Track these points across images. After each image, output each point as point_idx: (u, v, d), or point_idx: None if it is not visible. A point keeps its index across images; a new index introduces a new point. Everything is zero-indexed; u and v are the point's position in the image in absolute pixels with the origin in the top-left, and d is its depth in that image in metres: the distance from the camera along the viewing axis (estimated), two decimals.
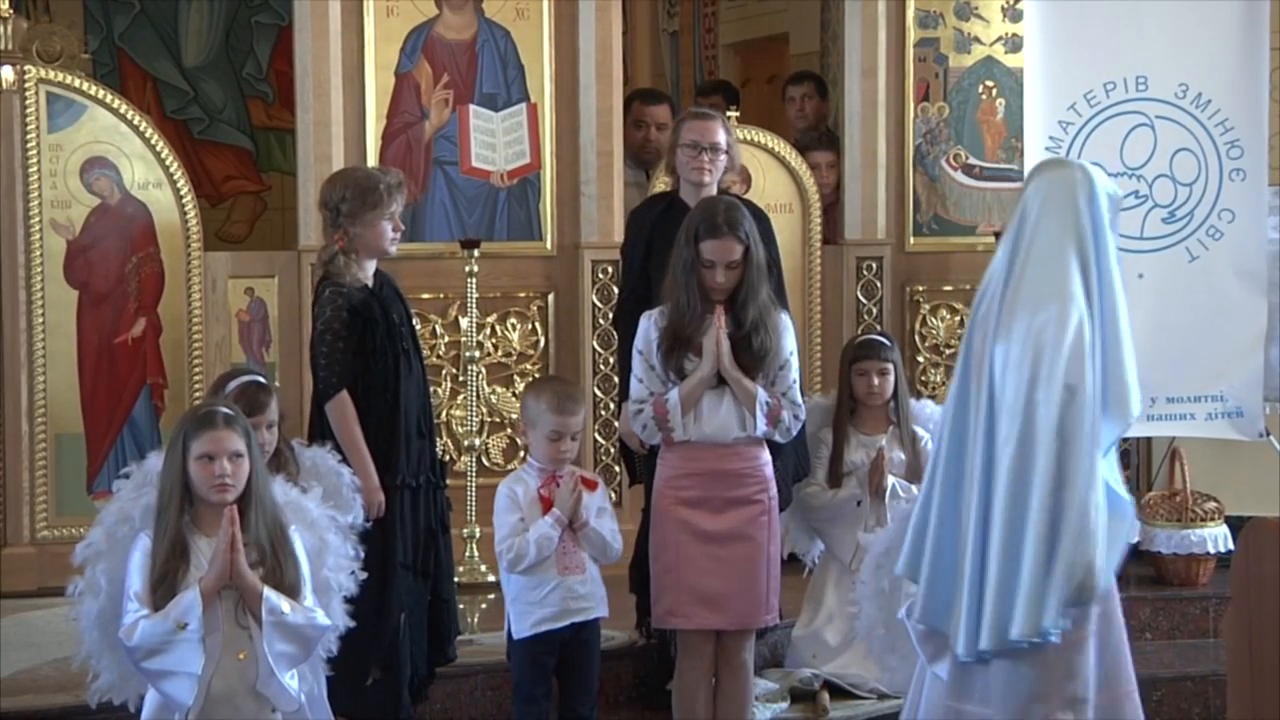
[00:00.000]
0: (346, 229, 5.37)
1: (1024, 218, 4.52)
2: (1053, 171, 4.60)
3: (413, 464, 5.42)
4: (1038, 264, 4.44)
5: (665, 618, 5.42)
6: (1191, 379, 6.87)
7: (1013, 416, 4.34)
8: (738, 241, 5.24)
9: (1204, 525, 6.94)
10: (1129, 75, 6.96)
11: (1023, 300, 4.42)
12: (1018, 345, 4.37)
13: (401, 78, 7.18)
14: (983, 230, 7.61)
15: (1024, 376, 4.34)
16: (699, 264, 5.24)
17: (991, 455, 4.37)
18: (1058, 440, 4.29)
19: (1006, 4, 7.63)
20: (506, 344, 7.32)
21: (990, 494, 4.36)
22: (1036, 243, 4.47)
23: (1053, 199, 4.50)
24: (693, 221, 5.30)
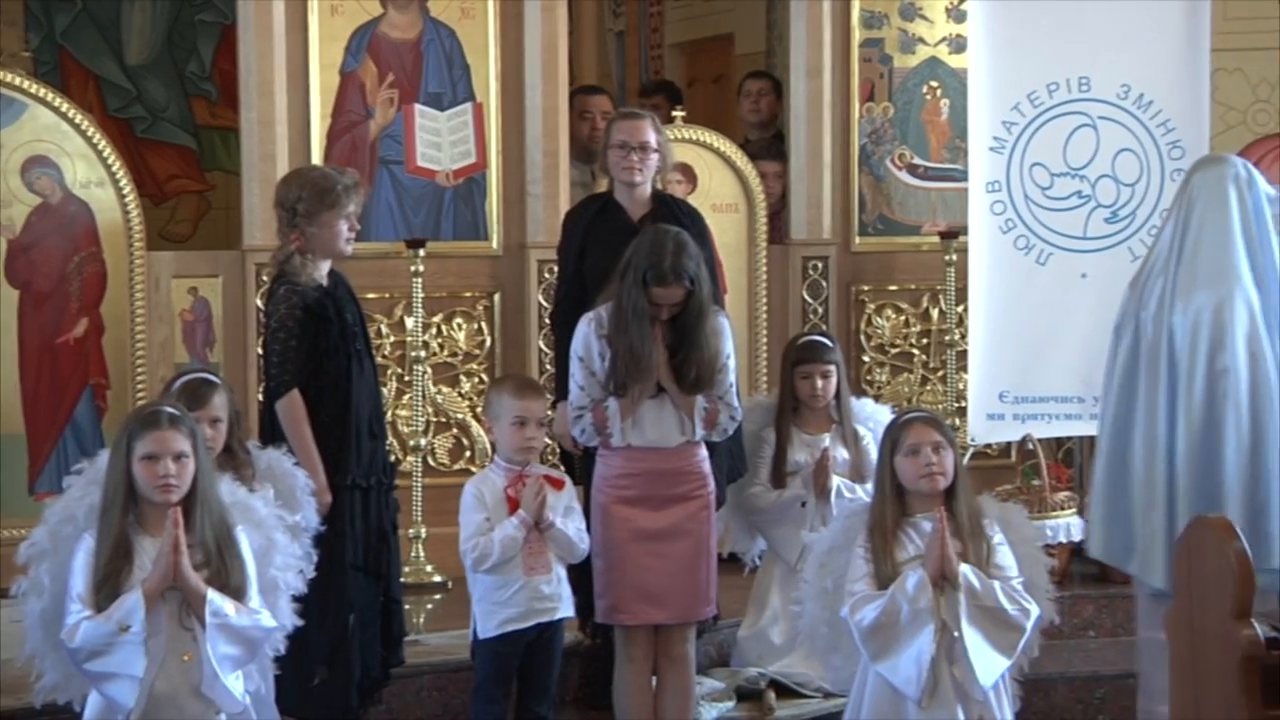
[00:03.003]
0: (303, 229, 5.36)
1: (1191, 205, 5.03)
2: (1217, 166, 5.13)
3: (364, 464, 5.41)
4: (1209, 247, 4.94)
5: (609, 614, 5.44)
6: None
7: (1195, 380, 4.88)
8: (682, 288, 5.26)
9: (1057, 516, 6.84)
10: (1071, 76, 7.01)
11: (1199, 278, 4.92)
12: (1195, 317, 4.88)
13: (346, 77, 7.15)
14: (927, 230, 7.64)
15: (1205, 345, 4.85)
16: (648, 307, 5.25)
17: (1174, 416, 4.90)
18: (1249, 401, 4.83)
19: (950, 5, 7.66)
20: (452, 344, 7.31)
21: (1174, 451, 4.88)
22: (1206, 228, 4.96)
23: (1218, 189, 5.01)
24: (641, 264, 5.28)
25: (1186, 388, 4.92)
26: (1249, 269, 4.95)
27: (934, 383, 7.69)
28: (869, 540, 4.94)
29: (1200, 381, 4.91)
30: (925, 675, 4.75)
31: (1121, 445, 5.11)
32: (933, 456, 4.92)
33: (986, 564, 4.89)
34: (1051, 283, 7.03)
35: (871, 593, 4.83)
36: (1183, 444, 4.93)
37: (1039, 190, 7.07)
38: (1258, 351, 4.88)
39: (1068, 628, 5.70)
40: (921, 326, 7.73)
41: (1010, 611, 4.82)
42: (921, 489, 4.94)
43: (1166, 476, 4.97)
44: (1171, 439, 4.96)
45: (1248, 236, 4.98)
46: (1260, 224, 5.01)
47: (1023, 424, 7.06)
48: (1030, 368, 7.04)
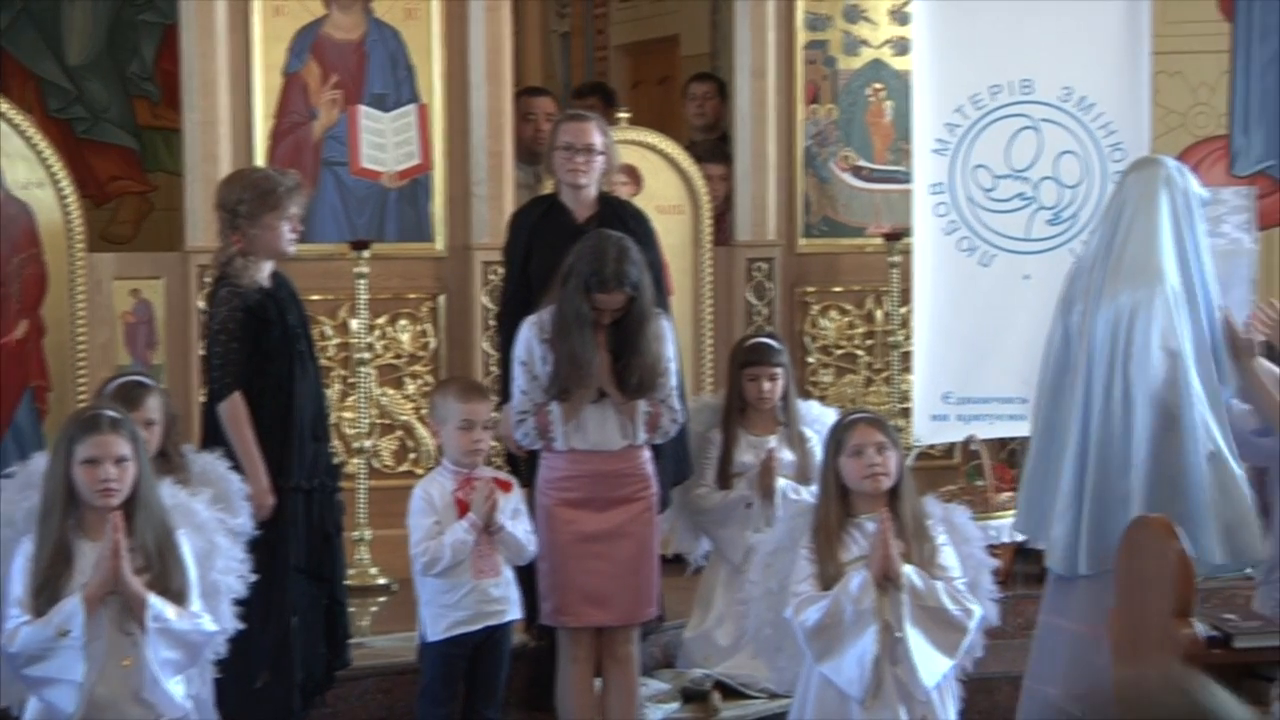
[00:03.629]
0: (244, 230, 5.33)
1: (1122, 206, 5.12)
2: (1149, 168, 5.21)
3: (306, 467, 5.39)
4: (1137, 246, 5.02)
5: (553, 616, 5.44)
6: None
7: (1115, 377, 4.96)
8: (624, 294, 5.27)
9: (1000, 516, 6.86)
10: (1014, 78, 7.04)
11: (1124, 277, 4.99)
12: (1116, 315, 4.95)
13: (289, 78, 7.12)
14: (872, 231, 7.66)
15: (1124, 344, 4.92)
16: (590, 313, 5.25)
17: (1089, 406, 4.99)
18: (1165, 398, 4.91)
19: (894, 7, 7.68)
20: (397, 345, 7.28)
21: (1087, 440, 4.99)
22: (1135, 228, 5.04)
23: (1149, 190, 5.09)
24: (583, 270, 5.28)
25: (1105, 385, 4.97)
26: (1176, 269, 5.00)
27: (878, 384, 7.71)
28: (813, 541, 4.95)
29: (1118, 379, 4.96)
30: (868, 676, 4.76)
31: (1048, 442, 5.16)
32: (876, 457, 4.93)
33: (930, 564, 4.91)
34: (995, 284, 7.06)
35: (815, 593, 4.84)
36: (1095, 440, 4.99)
37: (982, 192, 7.10)
38: (1174, 349, 4.93)
39: (1011, 628, 5.71)
40: (866, 328, 7.76)
41: (953, 612, 4.84)
42: (865, 489, 4.95)
43: (1079, 470, 5.03)
44: (1085, 435, 5.01)
45: (1177, 237, 5.03)
46: (1190, 226, 5.06)
47: (966, 425, 7.10)
48: (974, 369, 7.07)
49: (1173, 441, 4.91)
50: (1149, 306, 4.94)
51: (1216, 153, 7.77)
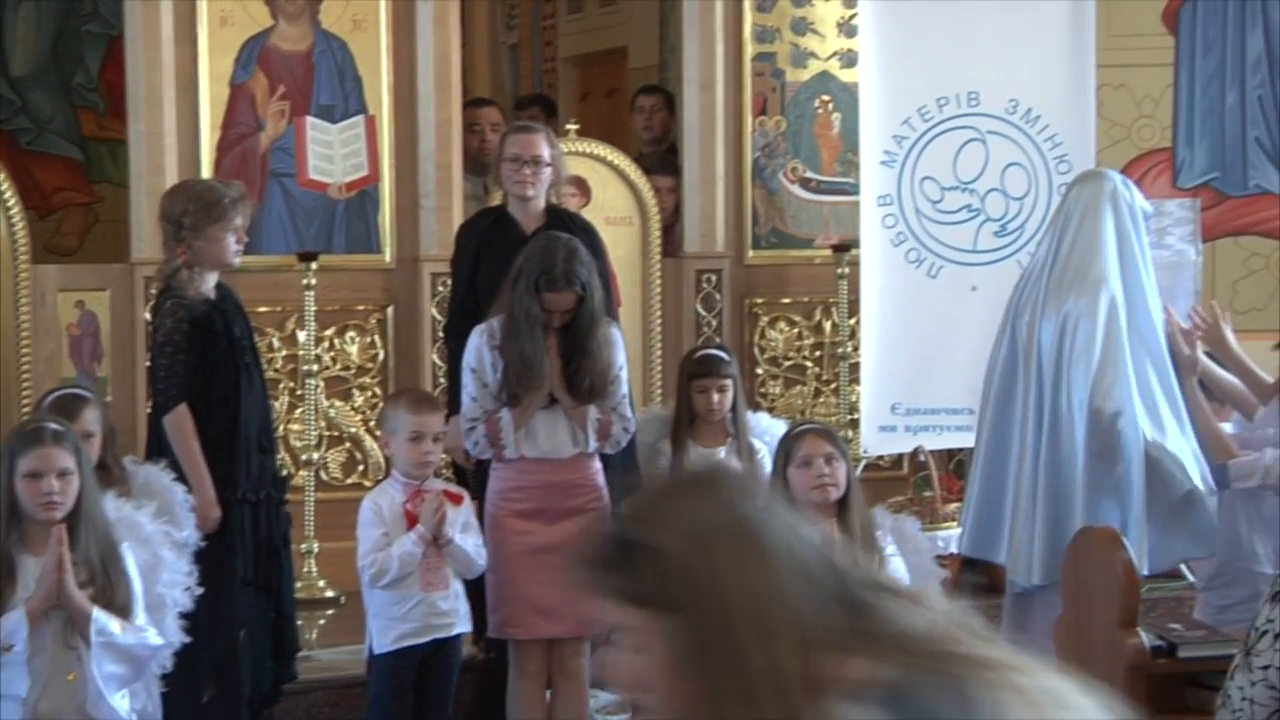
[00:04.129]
0: (189, 242, 5.31)
1: (1067, 218, 5.17)
2: (1094, 180, 5.27)
3: (253, 479, 5.37)
4: (1080, 256, 5.06)
5: (502, 629, 5.42)
6: None
7: (1061, 385, 4.99)
8: (574, 294, 5.26)
9: (948, 527, 6.89)
10: (961, 91, 7.07)
11: (1068, 286, 5.03)
12: (1061, 324, 4.99)
13: (236, 88, 7.08)
14: (820, 243, 7.67)
15: (1069, 351, 4.95)
16: (540, 313, 5.25)
17: (1039, 416, 5.02)
18: (1093, 406, 4.96)
19: (842, 19, 7.71)
20: (345, 357, 7.26)
21: (1039, 450, 5.01)
22: (1079, 239, 5.09)
23: (1094, 202, 5.13)
24: (532, 270, 5.28)
25: (1052, 392, 5.00)
26: (1119, 279, 5.04)
27: (827, 395, 7.72)
28: None
29: (1064, 387, 4.99)
30: None
31: (998, 449, 5.18)
32: (825, 468, 4.94)
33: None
34: (942, 295, 7.09)
35: None
36: (1045, 449, 5.01)
37: (929, 204, 7.13)
38: (1113, 354, 4.97)
39: None
40: (814, 339, 7.77)
41: None
42: (814, 500, 4.96)
43: (1032, 479, 5.05)
44: (1038, 443, 5.04)
45: (1121, 248, 5.07)
46: (1134, 237, 5.11)
47: (914, 435, 7.11)
48: (922, 380, 7.09)
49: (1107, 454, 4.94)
50: (1093, 314, 4.97)
51: (1161, 165, 7.83)
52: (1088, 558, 4.37)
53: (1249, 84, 7.73)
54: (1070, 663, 4.39)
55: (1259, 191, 7.79)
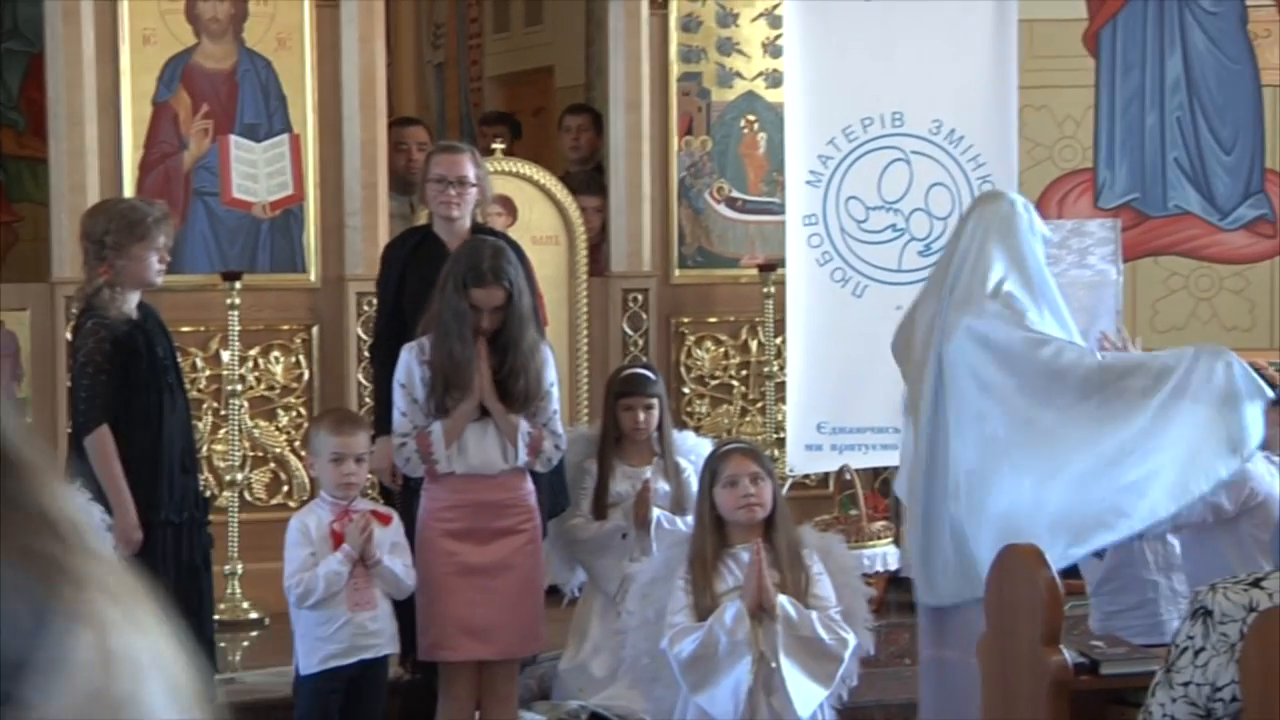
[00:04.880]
0: (111, 261, 5.27)
1: (960, 237, 5.18)
2: (994, 202, 5.26)
3: (175, 500, 5.33)
4: (971, 273, 5.05)
5: (432, 650, 5.39)
6: None
7: (961, 404, 5.00)
8: (502, 289, 5.25)
9: (874, 545, 6.91)
10: (885, 111, 7.12)
11: (956, 304, 5.03)
12: (957, 343, 4.98)
13: (159, 107, 7.03)
14: (746, 262, 7.69)
15: (966, 370, 4.95)
16: (468, 311, 5.24)
17: (938, 440, 5.03)
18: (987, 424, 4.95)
19: (767, 40, 7.74)
20: (270, 377, 7.21)
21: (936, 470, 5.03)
22: (971, 256, 5.09)
23: (992, 222, 5.13)
24: (459, 268, 5.29)
25: (956, 407, 5.02)
26: (1019, 298, 5.05)
27: (753, 414, 7.74)
28: (689, 572, 4.95)
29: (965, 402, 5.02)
30: (743, 706, 4.77)
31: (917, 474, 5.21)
32: (751, 487, 4.95)
33: (805, 594, 4.93)
34: (867, 315, 7.11)
35: (690, 624, 4.84)
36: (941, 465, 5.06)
37: (854, 223, 7.17)
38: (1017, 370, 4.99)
39: (884, 656, 5.75)
40: (741, 358, 7.79)
41: (827, 642, 4.86)
42: (740, 520, 4.97)
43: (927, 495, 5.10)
44: (932, 461, 5.08)
45: (1018, 269, 5.07)
46: (1030, 260, 5.11)
47: (840, 454, 7.14)
48: (847, 399, 7.12)
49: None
50: (993, 328, 5.00)
51: (1082, 185, 7.90)
52: (1011, 575, 4.39)
53: (1168, 106, 7.83)
54: (995, 680, 4.43)
55: (1178, 212, 7.88)
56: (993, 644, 4.45)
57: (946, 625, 5.12)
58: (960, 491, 4.99)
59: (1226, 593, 3.35)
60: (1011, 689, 4.34)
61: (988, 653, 4.47)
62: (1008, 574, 4.41)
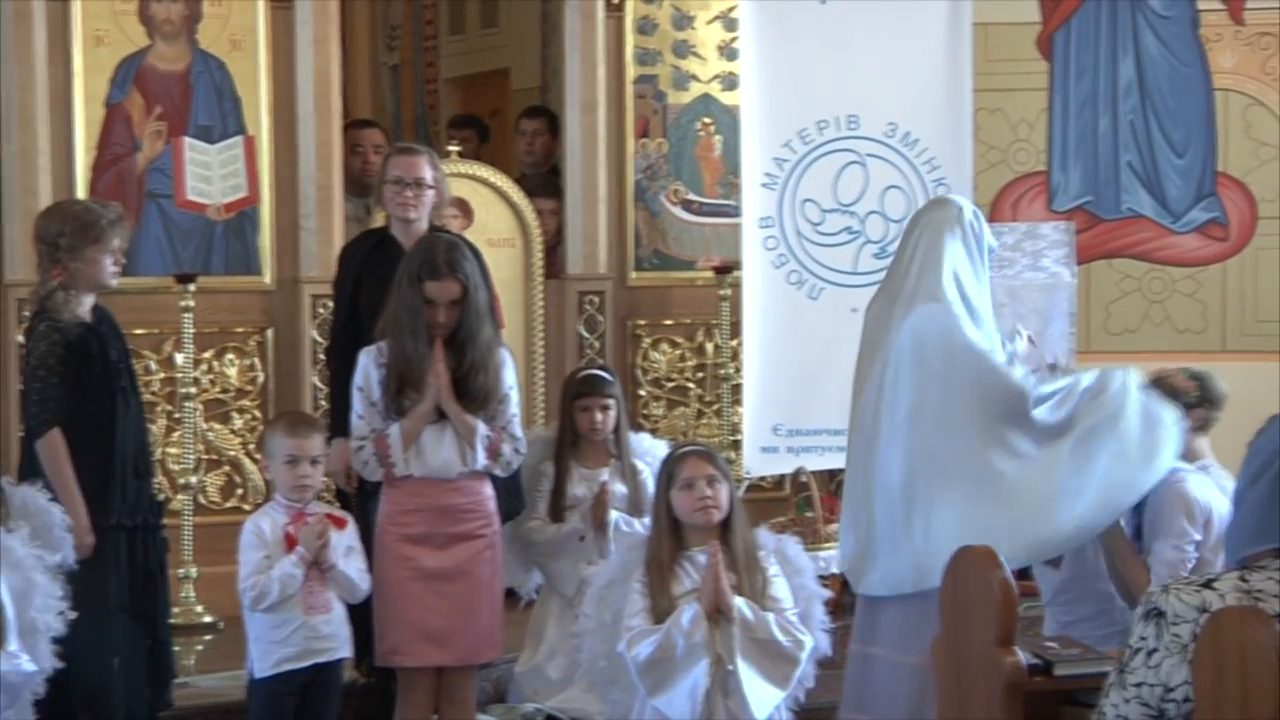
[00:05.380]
0: (65, 264, 5.24)
1: (914, 238, 5.22)
2: (943, 208, 5.29)
3: (129, 504, 5.30)
4: (919, 276, 5.09)
5: (389, 656, 5.37)
6: None
7: (896, 395, 5.03)
8: (457, 283, 5.24)
9: (830, 547, 6.93)
10: (841, 114, 7.14)
11: (908, 300, 5.06)
12: (900, 340, 5.00)
13: (112, 108, 7.00)
14: (702, 265, 7.71)
15: (906, 367, 4.99)
16: (422, 305, 5.23)
17: (876, 435, 5.07)
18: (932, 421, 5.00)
19: (723, 43, 7.76)
20: (224, 380, 7.18)
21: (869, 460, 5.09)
22: (918, 260, 5.13)
23: (941, 226, 5.17)
24: (414, 263, 5.29)
25: (890, 401, 5.06)
26: (959, 300, 5.08)
27: (709, 416, 7.75)
28: (646, 574, 4.96)
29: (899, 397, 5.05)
30: (700, 709, 4.78)
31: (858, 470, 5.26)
32: (707, 490, 4.96)
33: (762, 596, 4.94)
34: (823, 317, 7.14)
35: (647, 627, 4.84)
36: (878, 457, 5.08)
37: (810, 226, 7.19)
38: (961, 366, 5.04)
39: (840, 657, 5.77)
40: (697, 360, 7.80)
41: (784, 644, 4.87)
42: (697, 522, 4.97)
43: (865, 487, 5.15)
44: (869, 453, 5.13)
45: (961, 273, 5.11)
46: (976, 266, 5.14)
47: (796, 456, 7.16)
48: (803, 401, 7.14)
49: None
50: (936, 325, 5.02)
51: (1036, 188, 7.94)
52: (965, 576, 4.40)
53: (1121, 109, 7.88)
54: (949, 681, 4.44)
55: (1131, 214, 7.93)
56: (947, 645, 4.46)
57: (879, 621, 5.13)
58: (901, 486, 5.04)
59: (1179, 594, 3.37)
60: (966, 690, 4.35)
61: (942, 653, 4.49)
62: (962, 575, 4.42)
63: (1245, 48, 7.87)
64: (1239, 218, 7.91)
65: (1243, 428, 3.64)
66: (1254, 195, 7.89)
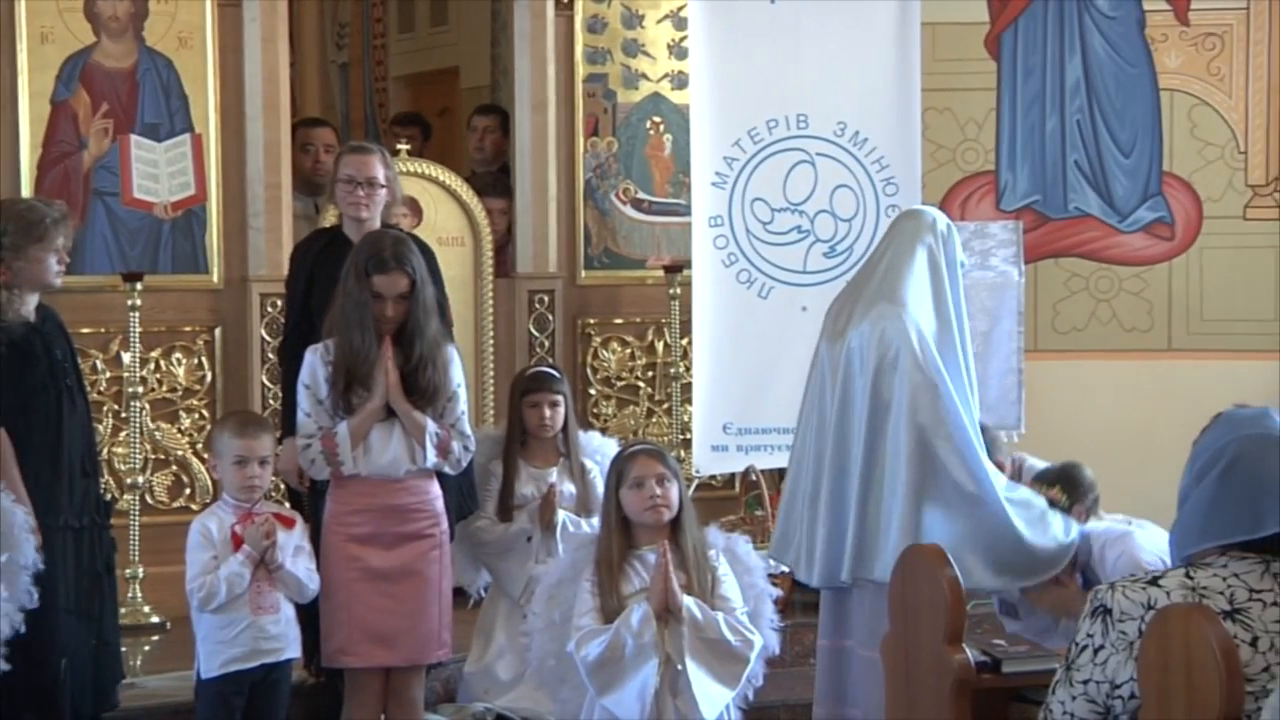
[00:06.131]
0: (9, 263, 5.20)
1: (885, 245, 5.26)
2: (916, 217, 5.32)
3: (75, 504, 5.26)
4: (889, 280, 5.11)
5: (336, 656, 5.35)
6: None
7: (849, 391, 5.06)
8: (405, 276, 5.23)
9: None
10: (790, 113, 7.16)
11: (871, 300, 5.10)
12: (867, 333, 5.03)
13: (58, 106, 6.95)
14: (652, 264, 7.71)
15: (870, 367, 4.99)
16: (370, 299, 5.21)
17: (847, 429, 5.06)
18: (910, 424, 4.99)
19: (672, 42, 7.76)
20: (172, 379, 7.15)
21: (822, 454, 5.11)
22: (890, 265, 5.16)
23: (914, 235, 5.19)
24: (361, 257, 5.27)
25: (842, 397, 5.08)
26: (929, 311, 5.10)
27: (659, 415, 7.76)
28: (595, 573, 4.95)
29: (855, 393, 5.06)
30: (649, 708, 4.78)
31: (804, 458, 5.25)
32: (657, 489, 4.96)
33: (712, 595, 4.94)
34: (773, 316, 7.16)
35: (597, 627, 4.84)
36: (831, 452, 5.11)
37: (760, 225, 7.20)
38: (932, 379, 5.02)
39: (790, 656, 5.78)
40: (647, 359, 7.80)
41: (733, 643, 4.87)
42: (647, 521, 4.97)
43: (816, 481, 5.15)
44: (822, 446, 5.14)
45: (935, 281, 5.13)
46: (949, 275, 5.17)
47: (746, 455, 7.17)
48: (753, 399, 7.15)
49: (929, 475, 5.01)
50: (901, 331, 5.04)
51: (984, 188, 7.98)
52: (914, 575, 4.42)
53: (1068, 109, 7.92)
54: (898, 678, 4.46)
55: (1078, 214, 7.98)
56: (896, 643, 4.48)
57: (847, 615, 5.14)
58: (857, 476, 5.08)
59: (1125, 591, 3.39)
60: (914, 688, 4.37)
61: (891, 651, 4.50)
62: (911, 573, 4.44)
63: (1191, 48, 7.93)
64: (1185, 217, 7.96)
65: (1188, 426, 3.67)
66: (1199, 195, 7.94)
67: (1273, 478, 3.35)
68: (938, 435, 4.98)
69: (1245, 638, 3.27)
